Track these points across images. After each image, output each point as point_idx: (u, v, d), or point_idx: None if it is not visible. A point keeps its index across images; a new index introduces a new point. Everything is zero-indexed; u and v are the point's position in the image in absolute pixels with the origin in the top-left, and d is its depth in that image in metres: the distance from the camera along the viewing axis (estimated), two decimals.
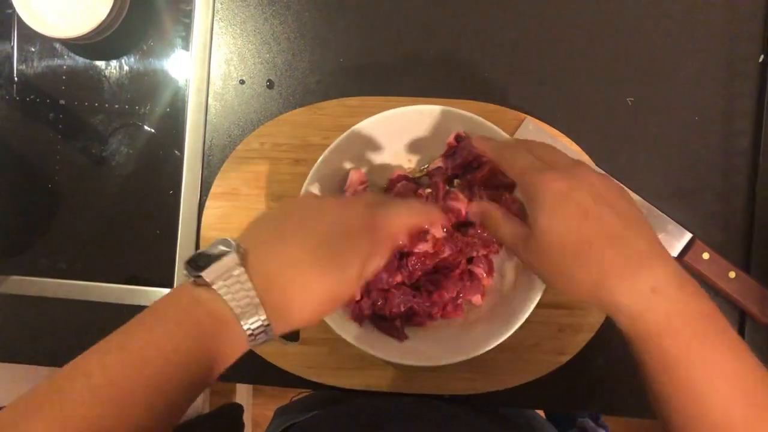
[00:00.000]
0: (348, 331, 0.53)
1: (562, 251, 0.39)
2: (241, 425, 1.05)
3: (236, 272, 0.36)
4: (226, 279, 0.36)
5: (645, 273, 0.37)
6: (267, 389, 1.41)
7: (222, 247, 0.37)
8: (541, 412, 1.05)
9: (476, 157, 0.52)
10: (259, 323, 0.36)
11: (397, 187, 0.53)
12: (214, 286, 0.36)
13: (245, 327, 0.36)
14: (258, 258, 0.38)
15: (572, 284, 0.40)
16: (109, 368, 0.34)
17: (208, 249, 0.38)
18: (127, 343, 0.35)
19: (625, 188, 0.43)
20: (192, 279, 0.37)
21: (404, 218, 0.44)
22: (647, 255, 0.38)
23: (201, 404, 1.00)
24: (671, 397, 0.37)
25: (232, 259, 0.37)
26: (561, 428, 1.11)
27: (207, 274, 0.36)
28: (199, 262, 0.37)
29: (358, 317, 0.54)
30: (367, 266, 0.41)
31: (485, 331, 0.53)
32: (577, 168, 0.41)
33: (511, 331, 0.51)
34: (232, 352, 0.38)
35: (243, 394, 1.31)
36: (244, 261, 0.37)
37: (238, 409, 1.05)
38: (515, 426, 0.67)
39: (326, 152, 0.52)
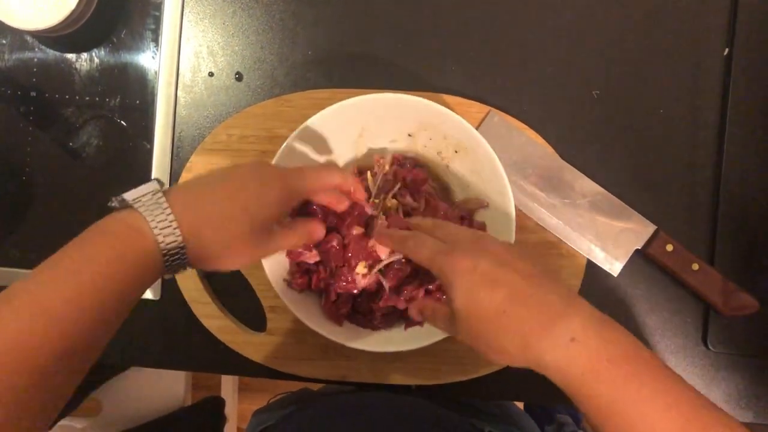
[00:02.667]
0: (313, 320, 0.53)
1: (481, 325, 0.41)
2: (223, 418, 1.06)
3: (155, 196, 0.39)
4: (146, 201, 0.39)
5: (561, 326, 0.38)
6: (253, 386, 1.42)
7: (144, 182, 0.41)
8: (521, 404, 1.05)
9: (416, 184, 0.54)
10: (175, 243, 0.39)
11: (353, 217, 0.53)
12: (135, 205, 0.39)
13: (161, 243, 0.38)
14: (178, 194, 0.41)
15: (500, 353, 0.41)
16: (31, 290, 0.35)
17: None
18: (51, 265, 0.37)
19: (524, 251, 0.44)
20: (115, 203, 0.40)
21: (325, 177, 0.48)
22: (560, 308, 0.39)
23: (183, 397, 1.01)
24: None
25: (152, 185, 0.40)
26: (540, 424, 1.12)
27: (128, 195, 0.39)
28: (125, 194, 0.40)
29: (336, 317, 0.54)
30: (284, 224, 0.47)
31: None
32: (480, 241, 0.44)
33: None
34: (150, 272, 0.39)
35: (228, 389, 1.31)
36: (165, 194, 0.40)
37: (220, 402, 1.06)
38: (489, 415, 0.67)
39: (286, 143, 0.52)
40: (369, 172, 0.55)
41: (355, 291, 0.53)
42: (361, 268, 0.52)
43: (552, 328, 0.38)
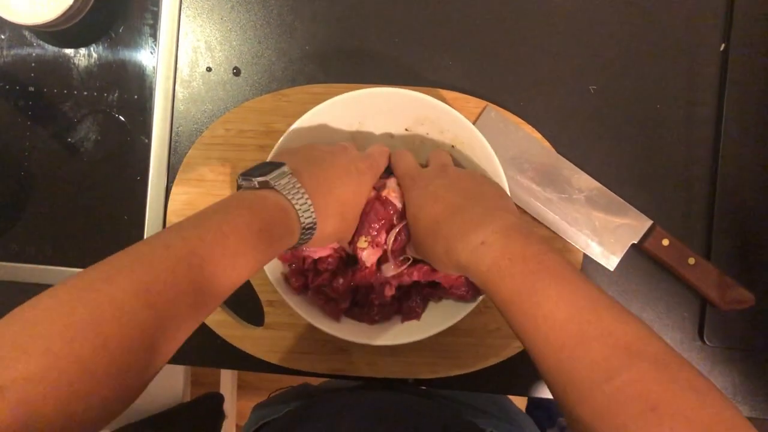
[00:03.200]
0: (312, 314, 0.53)
1: (422, 233, 0.48)
2: (221, 414, 1.06)
3: (292, 179, 0.43)
4: (284, 183, 0.43)
5: (476, 232, 0.43)
6: (252, 382, 1.42)
7: (271, 165, 0.44)
8: (522, 407, 1.06)
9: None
10: (311, 219, 0.44)
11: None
12: (277, 187, 0.42)
13: (301, 220, 0.43)
14: (304, 176, 0.45)
15: (434, 258, 0.47)
16: (189, 240, 0.36)
17: (254, 166, 0.45)
18: (202, 222, 0.39)
19: (488, 177, 0.51)
20: (256, 184, 0.43)
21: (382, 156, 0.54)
22: (480, 218, 0.44)
23: (182, 393, 1.01)
24: (519, 331, 0.40)
25: (285, 169, 0.44)
26: (542, 426, 1.12)
27: (270, 177, 0.42)
28: (254, 172, 0.43)
29: (335, 312, 0.55)
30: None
31: (442, 313, 0.54)
32: (444, 167, 0.51)
33: (468, 310, 0.52)
34: (287, 243, 0.43)
35: (227, 386, 1.31)
36: (296, 177, 0.44)
37: (219, 399, 1.06)
38: (491, 416, 0.67)
39: (283, 137, 0.53)
40: None
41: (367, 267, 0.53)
42: (362, 242, 0.51)
43: (468, 235, 0.43)
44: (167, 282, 0.34)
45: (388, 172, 0.55)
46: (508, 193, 0.52)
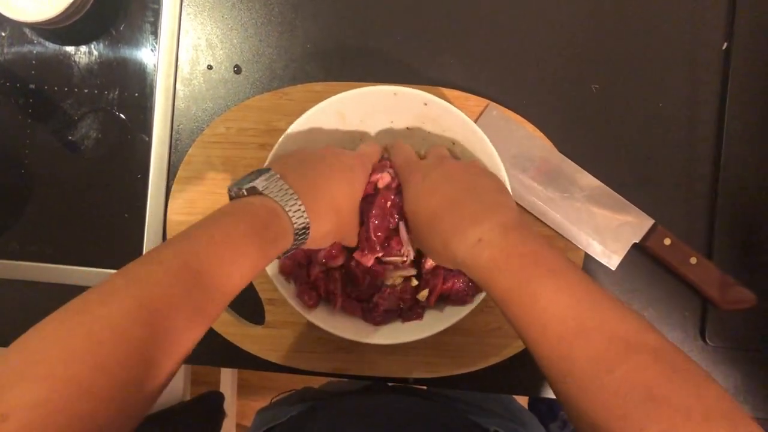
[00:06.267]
0: (312, 313, 0.53)
1: (420, 226, 0.48)
2: (222, 413, 1.06)
3: (279, 183, 0.43)
4: (274, 188, 0.43)
5: (473, 229, 0.43)
6: (252, 382, 1.42)
7: (258, 172, 0.45)
8: (524, 403, 1.06)
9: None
10: (303, 220, 0.43)
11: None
12: (265, 192, 0.42)
13: (294, 221, 0.43)
14: (290, 177, 0.45)
15: (432, 251, 0.48)
16: (180, 254, 0.37)
17: (243, 176, 0.45)
18: (194, 234, 0.39)
19: (487, 169, 0.50)
20: (245, 191, 0.43)
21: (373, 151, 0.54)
22: (478, 214, 0.44)
23: (182, 392, 1.01)
24: (517, 324, 0.40)
25: (272, 174, 0.44)
26: (544, 421, 1.12)
27: (257, 183, 0.42)
28: (242, 180, 0.44)
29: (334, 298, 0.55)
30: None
31: (444, 312, 0.54)
32: (442, 159, 0.50)
33: (469, 310, 0.52)
34: (281, 247, 0.43)
35: (227, 385, 1.31)
36: (285, 181, 0.44)
37: (219, 397, 1.06)
38: (494, 414, 0.67)
39: (283, 136, 0.52)
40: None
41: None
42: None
43: (466, 230, 0.43)
44: (162, 299, 0.35)
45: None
46: (509, 189, 0.52)
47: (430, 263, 0.53)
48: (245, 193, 0.43)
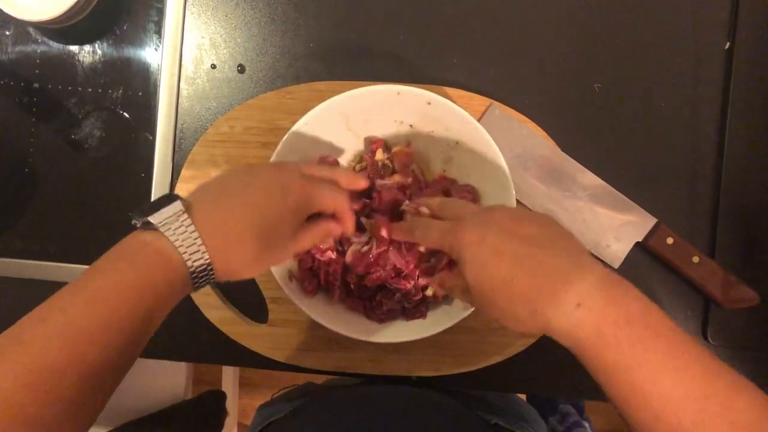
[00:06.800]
0: (316, 311, 0.53)
1: (493, 294, 0.41)
2: (224, 412, 1.06)
3: (181, 217, 0.40)
4: (171, 223, 0.39)
5: (567, 291, 0.38)
6: (253, 380, 1.42)
7: (166, 199, 0.41)
8: (523, 397, 1.06)
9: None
10: (201, 262, 0.40)
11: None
12: (161, 229, 0.39)
13: (189, 264, 0.39)
14: (201, 209, 0.41)
15: (513, 320, 0.41)
16: (65, 310, 0.36)
17: (155, 200, 0.41)
18: (82, 287, 0.37)
19: (538, 212, 0.45)
20: (140, 225, 0.40)
21: (332, 201, 0.48)
22: (566, 272, 0.39)
23: (184, 391, 1.01)
24: (624, 403, 0.37)
25: (175, 205, 0.40)
26: (543, 414, 1.12)
27: (153, 218, 0.39)
28: (145, 209, 0.40)
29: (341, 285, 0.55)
30: (300, 228, 0.47)
31: (446, 310, 0.54)
32: (485, 213, 0.44)
33: (472, 309, 0.52)
34: (178, 292, 0.40)
35: (229, 383, 1.31)
36: (188, 210, 0.40)
37: (221, 396, 1.07)
38: (494, 406, 0.67)
39: (287, 135, 0.53)
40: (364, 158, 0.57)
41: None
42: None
43: (557, 294, 0.38)
44: (44, 362, 0.33)
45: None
46: (513, 190, 0.52)
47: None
48: (139, 226, 0.41)
